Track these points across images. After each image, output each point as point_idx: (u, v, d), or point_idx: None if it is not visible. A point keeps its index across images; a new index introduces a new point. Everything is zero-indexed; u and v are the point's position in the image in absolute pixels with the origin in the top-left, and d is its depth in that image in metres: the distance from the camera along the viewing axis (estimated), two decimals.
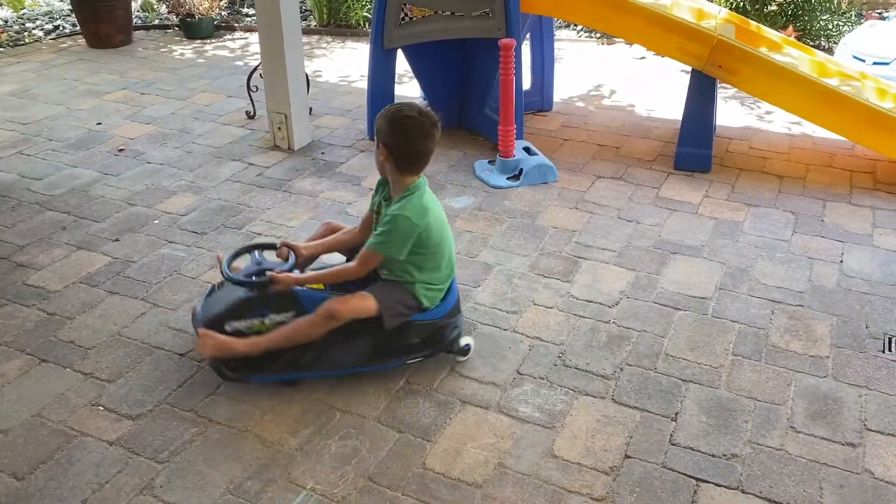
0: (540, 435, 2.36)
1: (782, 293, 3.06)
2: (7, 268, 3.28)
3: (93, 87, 5.57)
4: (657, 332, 2.83)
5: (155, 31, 7.19)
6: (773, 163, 4.25)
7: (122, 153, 4.42)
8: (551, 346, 2.76)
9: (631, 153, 4.39)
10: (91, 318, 2.94)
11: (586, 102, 5.23)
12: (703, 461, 2.26)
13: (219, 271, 2.66)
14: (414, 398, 2.51)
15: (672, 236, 3.48)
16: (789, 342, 2.77)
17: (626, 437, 2.35)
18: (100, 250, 3.40)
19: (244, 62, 6.17)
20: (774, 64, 3.95)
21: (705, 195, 3.87)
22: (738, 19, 4.48)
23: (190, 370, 2.64)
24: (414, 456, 2.28)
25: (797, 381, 2.58)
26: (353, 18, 6.99)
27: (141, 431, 2.38)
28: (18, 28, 7.09)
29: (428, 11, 4.25)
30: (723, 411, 2.45)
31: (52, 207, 3.79)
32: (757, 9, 5.92)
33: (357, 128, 4.77)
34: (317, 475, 2.22)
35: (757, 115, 4.93)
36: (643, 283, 3.13)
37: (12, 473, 2.23)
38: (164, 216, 3.69)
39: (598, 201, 3.82)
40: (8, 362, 2.69)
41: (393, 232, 2.44)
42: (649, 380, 2.59)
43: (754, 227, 3.56)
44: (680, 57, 4.12)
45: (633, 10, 4.07)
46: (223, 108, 5.12)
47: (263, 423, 2.41)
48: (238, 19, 7.40)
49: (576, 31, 6.77)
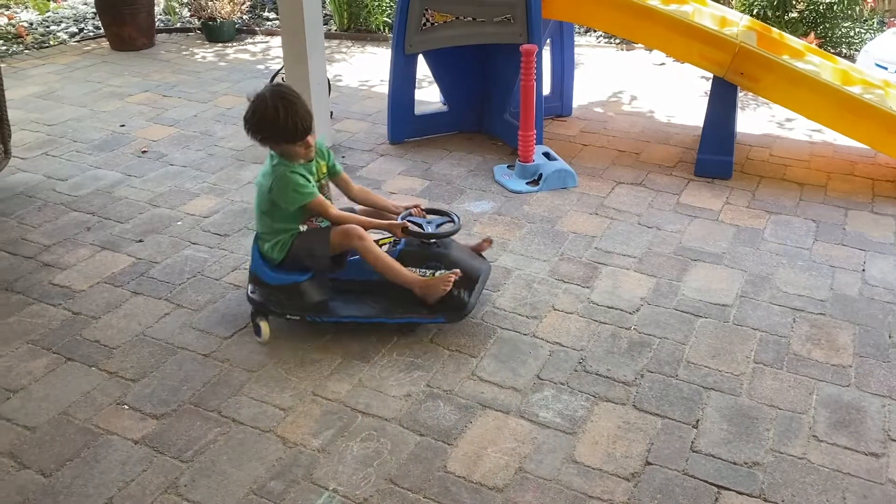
0: (561, 440, 2.37)
1: (804, 301, 3.05)
2: (33, 267, 3.32)
3: (116, 90, 5.63)
4: (678, 338, 2.83)
5: (177, 34, 7.27)
6: (794, 170, 4.23)
7: (146, 155, 4.47)
8: (572, 351, 2.76)
9: (651, 159, 4.39)
10: (116, 317, 2.98)
11: (606, 108, 5.23)
12: (724, 469, 2.26)
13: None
14: (434, 401, 2.53)
15: (693, 243, 3.48)
16: (811, 350, 2.77)
17: (647, 444, 2.35)
18: (124, 251, 3.45)
19: (265, 66, 6.22)
20: (797, 71, 3.94)
21: (726, 202, 3.86)
22: (760, 26, 4.47)
23: (213, 370, 2.67)
24: (435, 459, 2.30)
25: (819, 389, 2.57)
26: (372, 23, 7.03)
27: (165, 431, 2.41)
28: (43, 31, 7.19)
29: (449, 17, 4.27)
30: (744, 419, 2.44)
31: (76, 208, 3.84)
32: (778, 16, 5.91)
33: (377, 132, 4.80)
34: (339, 476, 2.24)
35: (777, 123, 4.91)
36: (664, 289, 3.13)
37: (39, 470, 2.26)
38: (186, 218, 3.73)
39: (618, 207, 3.82)
40: (35, 360, 2.73)
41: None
42: (670, 387, 2.59)
43: (775, 235, 3.55)
44: (701, 64, 4.11)
45: (656, 16, 4.08)
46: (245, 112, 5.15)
47: (286, 424, 2.43)
48: (259, 23, 7.46)
49: (595, 37, 6.78)
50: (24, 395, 2.57)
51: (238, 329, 2.89)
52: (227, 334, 2.87)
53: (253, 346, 2.80)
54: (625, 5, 4.11)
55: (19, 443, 2.36)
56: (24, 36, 6.93)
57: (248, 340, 2.83)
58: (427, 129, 4.72)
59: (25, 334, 2.88)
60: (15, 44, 6.78)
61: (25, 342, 2.83)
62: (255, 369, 2.68)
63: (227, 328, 2.90)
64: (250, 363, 2.71)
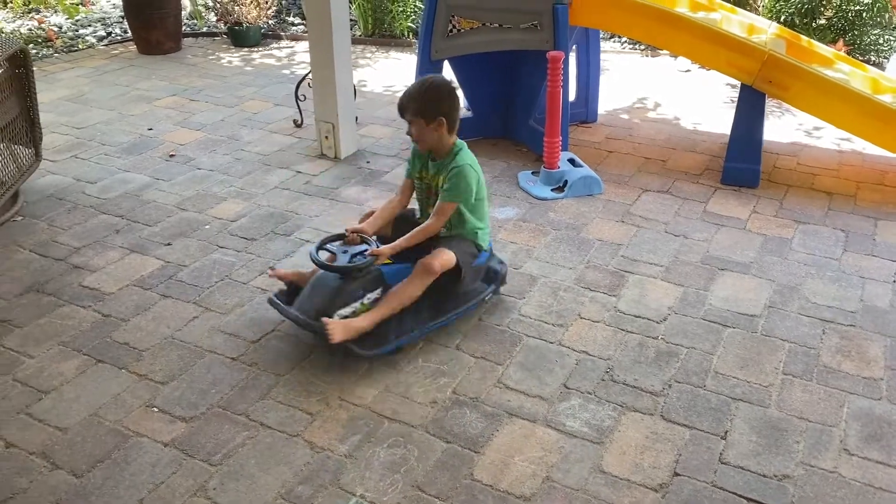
0: (588, 450, 2.36)
1: (833, 312, 3.02)
2: (64, 269, 3.37)
3: (144, 93, 5.70)
4: (706, 348, 2.81)
5: (203, 39, 7.34)
6: (823, 179, 4.19)
7: (173, 159, 4.52)
8: (598, 360, 2.75)
9: (677, 166, 4.36)
10: (145, 320, 3.01)
11: (631, 115, 5.21)
12: (753, 481, 2.24)
13: (312, 267, 2.87)
14: (461, 409, 2.53)
15: (720, 252, 3.46)
16: (841, 362, 2.74)
17: (676, 455, 2.34)
18: (152, 254, 3.48)
19: (291, 71, 6.26)
20: (826, 80, 3.91)
21: (753, 211, 3.83)
22: (788, 34, 4.44)
23: (241, 374, 2.69)
24: (462, 467, 2.30)
25: (850, 402, 2.54)
26: (397, 29, 7.06)
27: (194, 434, 2.43)
28: (72, 34, 7.29)
29: (476, 23, 4.28)
30: (773, 431, 2.42)
31: (105, 211, 3.89)
32: (806, 23, 5.86)
33: (402, 137, 4.81)
34: (366, 482, 2.24)
35: (805, 131, 4.87)
36: (691, 298, 3.11)
37: (71, 471, 2.29)
38: (214, 222, 3.76)
39: (644, 214, 3.81)
40: (66, 362, 2.77)
41: (462, 181, 2.84)
42: (698, 397, 2.57)
43: (804, 245, 3.52)
44: (729, 71, 4.09)
45: (683, 24, 4.06)
46: (271, 117, 5.20)
47: (313, 429, 2.45)
48: (284, 28, 7.51)
49: (620, 43, 6.76)
50: (56, 395, 2.60)
51: (265, 333, 2.91)
52: (255, 338, 2.89)
53: (280, 350, 2.82)
54: (652, 12, 4.10)
55: (51, 443, 2.40)
56: (54, 39, 7.03)
57: (275, 344, 2.85)
58: None
59: (56, 335, 2.92)
60: (45, 47, 6.88)
61: (57, 343, 2.87)
62: (283, 373, 2.70)
63: (255, 332, 2.92)
64: (278, 367, 2.73)
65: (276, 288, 2.95)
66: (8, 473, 2.28)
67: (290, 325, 2.92)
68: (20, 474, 2.28)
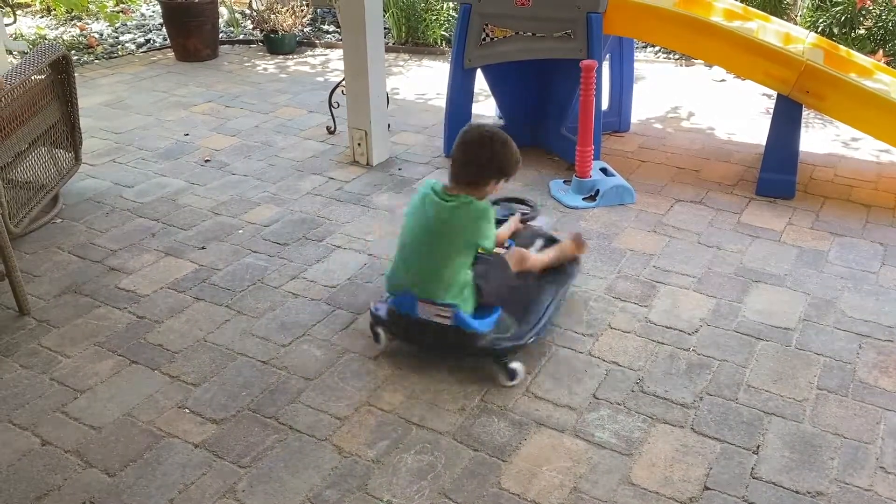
0: (617, 461, 2.34)
1: (870, 327, 2.96)
2: (101, 271, 3.43)
3: (181, 99, 5.79)
4: (738, 361, 2.77)
5: (239, 46, 7.44)
6: (860, 191, 4.12)
7: (208, 164, 4.59)
8: (629, 371, 2.73)
9: (711, 177, 4.32)
10: (178, 322, 3.05)
11: (664, 124, 5.17)
12: (786, 497, 2.20)
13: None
14: (489, 417, 2.53)
15: (754, 264, 3.41)
16: (878, 378, 2.68)
17: (706, 469, 2.31)
18: (187, 257, 3.53)
19: (324, 78, 6.32)
20: (865, 90, 3.84)
21: (788, 222, 3.78)
22: (826, 44, 4.38)
23: (271, 377, 2.72)
24: (489, 475, 2.29)
25: (887, 419, 2.49)
26: (430, 37, 7.09)
27: (224, 436, 2.46)
28: (112, 41, 7.44)
29: (509, 32, 4.29)
30: (807, 447, 2.38)
31: (142, 214, 3.96)
32: (844, 33, 5.77)
33: (434, 145, 4.83)
34: (393, 488, 2.25)
35: (842, 142, 4.79)
36: (724, 310, 3.07)
37: (104, 470, 2.33)
38: (247, 226, 3.81)
39: (677, 225, 3.77)
40: (101, 362, 2.82)
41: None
42: (730, 410, 2.54)
43: (840, 258, 3.46)
44: (766, 81, 4.04)
45: (719, 33, 4.02)
46: (305, 123, 5.26)
47: (341, 434, 2.46)
48: (319, 36, 7.59)
49: (654, 52, 6.72)
50: (91, 395, 2.65)
51: (296, 337, 2.94)
52: (286, 342, 2.91)
53: (310, 355, 2.84)
54: (687, 22, 4.07)
55: (86, 442, 2.44)
56: (95, 46, 7.19)
57: (305, 349, 2.87)
58: None
59: (92, 336, 2.97)
60: (86, 54, 7.03)
61: (92, 344, 2.92)
62: (312, 377, 2.72)
63: (286, 336, 2.95)
64: (307, 371, 2.75)
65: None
66: (43, 471, 2.33)
67: (319, 331, 2.96)
68: (55, 471, 2.32)
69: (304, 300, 3.18)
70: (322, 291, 3.24)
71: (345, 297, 3.19)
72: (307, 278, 3.34)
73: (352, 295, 3.20)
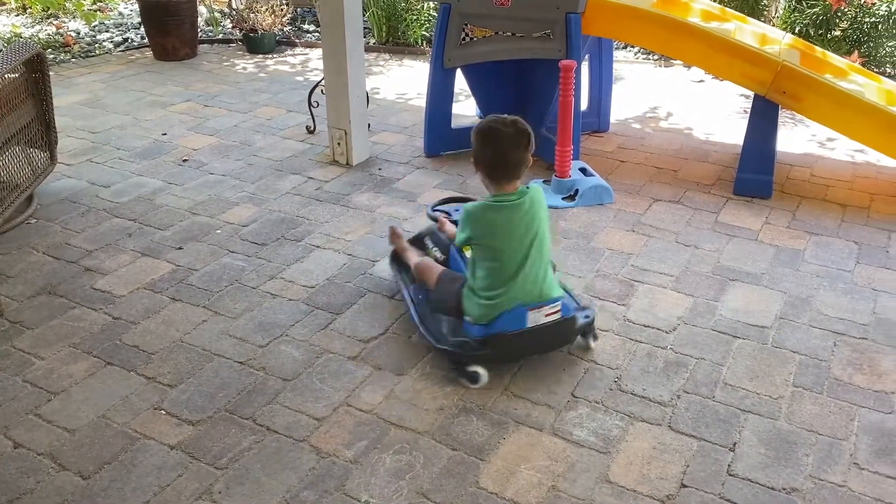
0: (595, 459, 2.34)
1: (845, 325, 2.99)
2: (76, 271, 3.39)
3: (158, 99, 5.74)
4: (715, 359, 2.79)
5: (219, 45, 7.39)
6: (836, 191, 4.16)
7: (186, 163, 4.55)
8: (607, 369, 2.74)
9: (689, 177, 4.35)
10: (154, 323, 3.02)
11: (643, 124, 5.20)
12: (762, 493, 2.22)
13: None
14: (468, 416, 2.52)
15: (731, 262, 3.44)
16: (852, 375, 2.71)
17: (683, 466, 2.32)
18: (163, 258, 3.50)
19: (304, 77, 6.29)
20: (840, 91, 3.88)
21: (765, 222, 3.81)
22: (802, 45, 4.42)
23: (249, 378, 2.70)
24: (468, 474, 2.29)
25: (861, 416, 2.52)
26: (410, 37, 7.09)
27: (201, 437, 2.43)
28: (90, 40, 7.36)
29: (489, 32, 4.29)
30: (783, 444, 2.40)
31: (118, 214, 3.92)
32: (820, 34, 5.83)
33: (414, 145, 4.82)
34: (371, 488, 2.24)
35: (818, 142, 4.84)
36: (701, 309, 3.09)
37: (78, 472, 2.30)
38: (225, 226, 3.78)
39: (655, 224, 3.79)
40: (76, 363, 2.79)
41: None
42: (707, 408, 2.55)
43: (816, 256, 3.49)
44: (743, 82, 4.08)
45: (697, 34, 4.05)
46: (284, 123, 5.23)
47: (319, 434, 2.45)
48: (299, 35, 7.55)
49: (633, 53, 6.75)
50: (65, 397, 2.62)
51: (274, 338, 2.92)
52: (264, 342, 2.90)
53: (288, 355, 2.82)
54: (666, 22, 4.10)
55: (59, 444, 2.41)
56: (72, 45, 7.11)
57: (283, 349, 2.86)
58: (463, 143, 4.66)
59: (67, 337, 2.94)
60: (62, 52, 6.95)
61: (67, 345, 2.89)
62: (290, 378, 2.70)
63: (264, 336, 2.93)
64: (285, 372, 2.73)
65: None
66: (15, 474, 2.29)
67: (297, 331, 2.95)
68: (27, 475, 2.29)
69: (283, 300, 3.16)
70: (300, 291, 3.22)
71: (323, 297, 3.18)
72: (285, 278, 3.32)
73: (331, 295, 3.19)
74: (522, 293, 2.60)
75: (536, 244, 2.60)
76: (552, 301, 2.62)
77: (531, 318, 2.59)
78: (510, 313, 2.59)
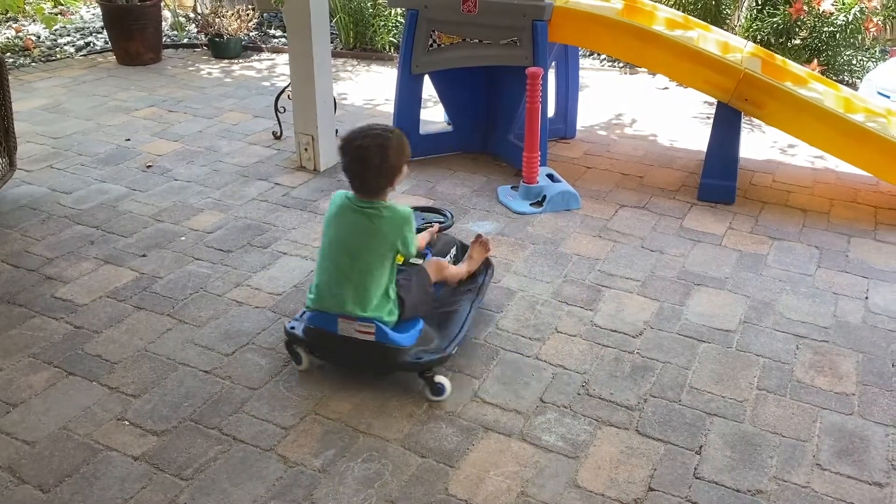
0: (563, 464, 2.35)
1: (807, 328, 3.05)
2: (36, 280, 3.32)
3: (122, 104, 5.65)
4: (681, 363, 2.82)
5: (184, 50, 7.30)
6: (797, 196, 4.24)
7: (150, 169, 4.48)
8: (574, 374, 2.76)
9: (654, 183, 4.40)
10: (118, 332, 2.97)
11: (609, 131, 5.25)
12: (727, 496, 2.24)
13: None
14: (437, 423, 2.52)
15: (696, 267, 3.48)
16: (814, 378, 2.76)
17: (650, 470, 2.34)
18: (127, 265, 3.44)
19: (271, 83, 6.25)
20: (800, 98, 3.96)
21: (729, 227, 3.87)
22: (763, 53, 4.50)
23: (214, 387, 2.66)
24: (437, 481, 2.28)
25: (823, 417, 2.56)
26: (378, 43, 7.08)
27: (165, 447, 2.40)
28: (50, 44, 7.23)
29: (456, 39, 4.30)
30: (747, 446, 2.43)
31: (80, 221, 3.84)
32: (781, 42, 5.94)
33: None
34: (340, 497, 2.22)
35: (780, 149, 4.93)
36: (667, 313, 3.13)
37: (38, 486, 2.25)
38: (190, 233, 3.73)
39: (621, 230, 3.83)
40: (36, 374, 2.72)
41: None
42: (673, 412, 2.58)
43: (778, 261, 3.55)
44: (706, 89, 4.14)
45: (661, 42, 4.10)
46: (250, 128, 5.18)
47: (286, 443, 2.42)
48: (265, 40, 7.50)
49: (599, 60, 6.82)
50: (25, 408, 2.56)
51: (240, 346, 2.89)
52: (229, 351, 2.86)
53: (254, 364, 2.79)
54: (630, 30, 4.15)
55: (18, 457, 2.35)
56: (32, 49, 6.97)
57: (249, 358, 2.83)
58: (431, 149, 4.74)
59: (27, 347, 2.87)
60: (22, 56, 6.81)
61: (27, 355, 2.82)
62: (257, 387, 2.67)
63: (229, 345, 2.89)
64: (252, 381, 2.70)
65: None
66: None
67: (264, 339, 2.91)
68: None
69: (249, 308, 3.13)
70: (267, 299, 3.19)
71: (290, 304, 3.15)
72: (251, 286, 3.29)
73: (298, 302, 3.16)
74: (328, 296, 2.60)
75: (348, 253, 2.58)
76: (362, 319, 2.55)
77: (342, 327, 2.56)
78: (322, 313, 2.61)
